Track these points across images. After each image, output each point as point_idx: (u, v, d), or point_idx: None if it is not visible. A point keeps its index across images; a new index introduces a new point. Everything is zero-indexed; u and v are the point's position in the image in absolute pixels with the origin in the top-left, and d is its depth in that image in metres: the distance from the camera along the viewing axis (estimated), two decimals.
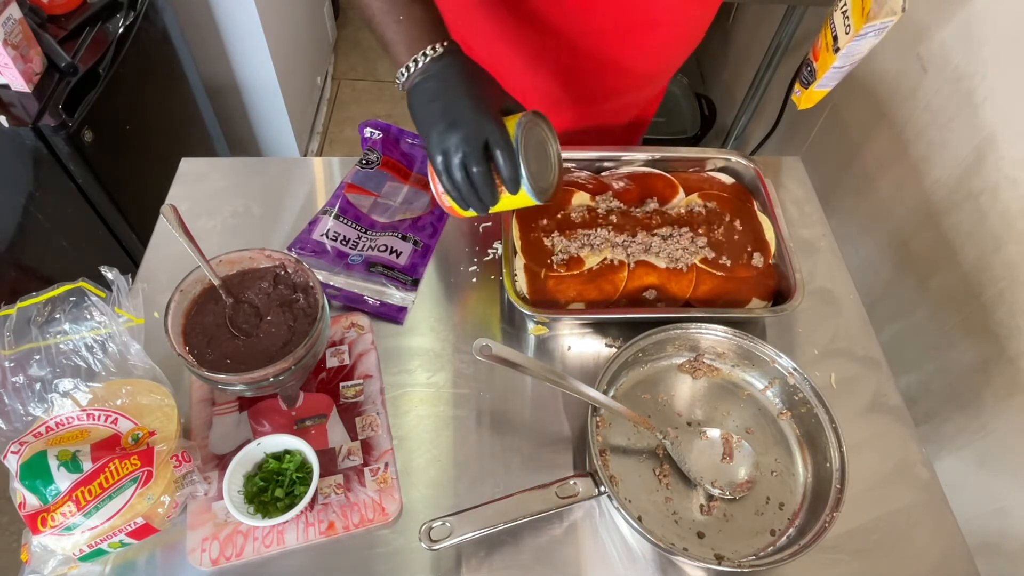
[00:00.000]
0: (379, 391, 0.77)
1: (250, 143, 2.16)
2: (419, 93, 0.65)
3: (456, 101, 0.63)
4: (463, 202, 0.67)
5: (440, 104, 0.63)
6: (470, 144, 0.62)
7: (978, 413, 0.99)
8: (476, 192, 0.65)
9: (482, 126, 0.63)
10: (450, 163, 0.63)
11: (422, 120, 0.65)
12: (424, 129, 0.64)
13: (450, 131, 0.62)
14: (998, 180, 0.94)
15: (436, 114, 0.63)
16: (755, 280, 0.82)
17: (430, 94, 0.64)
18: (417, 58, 0.65)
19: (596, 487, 0.66)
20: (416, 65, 0.65)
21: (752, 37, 1.99)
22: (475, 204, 0.66)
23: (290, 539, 0.66)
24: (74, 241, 1.45)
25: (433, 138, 0.63)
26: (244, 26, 1.78)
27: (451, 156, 0.63)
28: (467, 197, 0.65)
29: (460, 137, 0.62)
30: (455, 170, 0.63)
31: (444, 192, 0.68)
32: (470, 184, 0.64)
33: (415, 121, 0.66)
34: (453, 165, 0.63)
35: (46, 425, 0.63)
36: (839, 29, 0.80)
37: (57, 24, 1.33)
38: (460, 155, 0.62)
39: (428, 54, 0.64)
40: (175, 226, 0.66)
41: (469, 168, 0.63)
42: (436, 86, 0.64)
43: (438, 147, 0.63)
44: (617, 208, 0.86)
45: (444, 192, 0.68)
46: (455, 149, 0.62)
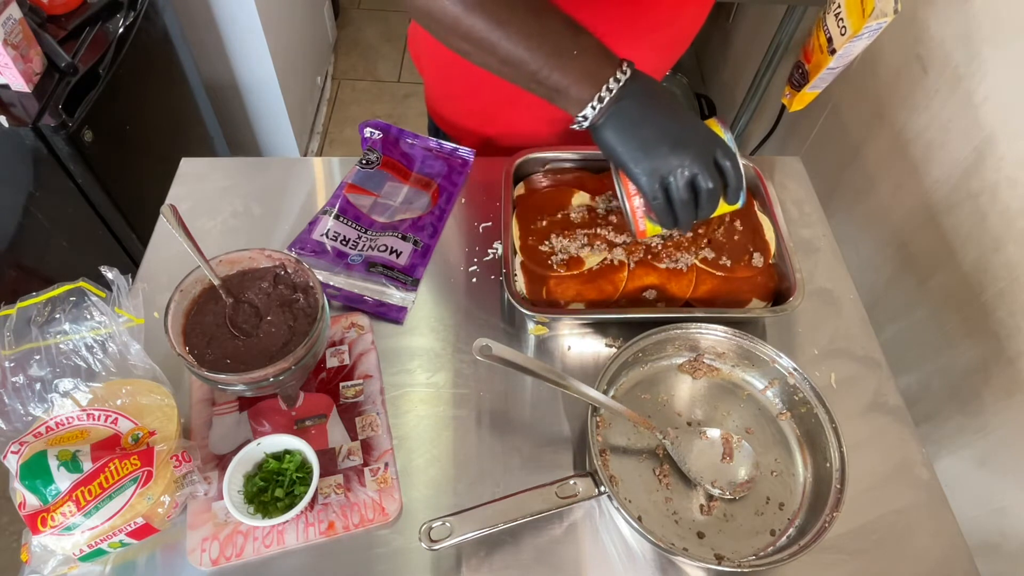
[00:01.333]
0: (379, 391, 0.77)
1: (250, 143, 2.16)
2: (618, 121, 0.61)
3: (669, 120, 0.61)
4: (674, 222, 0.64)
5: (653, 127, 0.60)
6: (702, 161, 0.60)
7: (978, 413, 0.99)
8: (696, 208, 0.63)
9: (708, 139, 0.61)
10: (678, 184, 0.60)
11: (629, 148, 0.61)
12: (635, 156, 0.61)
13: (677, 151, 0.60)
14: (998, 180, 0.94)
15: (650, 138, 0.60)
16: (755, 280, 0.82)
17: (633, 120, 0.61)
18: (609, 86, 0.60)
19: (596, 487, 0.66)
20: (609, 94, 0.60)
21: (752, 37, 1.99)
22: (690, 223, 0.64)
23: (290, 539, 0.66)
24: (74, 241, 1.46)
25: (650, 162, 0.60)
26: (244, 26, 1.78)
27: (679, 176, 0.60)
28: (686, 217, 0.63)
29: (691, 155, 0.60)
30: (682, 190, 0.61)
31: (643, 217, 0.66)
32: (694, 203, 0.62)
33: (613, 150, 0.62)
34: (681, 186, 0.60)
35: (46, 425, 0.63)
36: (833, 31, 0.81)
37: (57, 24, 1.33)
38: (690, 173, 0.60)
39: (620, 79, 0.60)
40: (175, 226, 0.66)
41: (701, 185, 0.61)
42: (639, 111, 0.60)
43: (662, 169, 0.60)
44: (617, 208, 0.86)
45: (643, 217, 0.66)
46: (685, 168, 0.60)
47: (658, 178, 0.61)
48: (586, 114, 0.61)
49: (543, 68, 0.61)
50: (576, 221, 0.84)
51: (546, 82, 0.61)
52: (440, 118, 1.04)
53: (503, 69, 0.63)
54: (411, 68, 2.71)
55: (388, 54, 2.75)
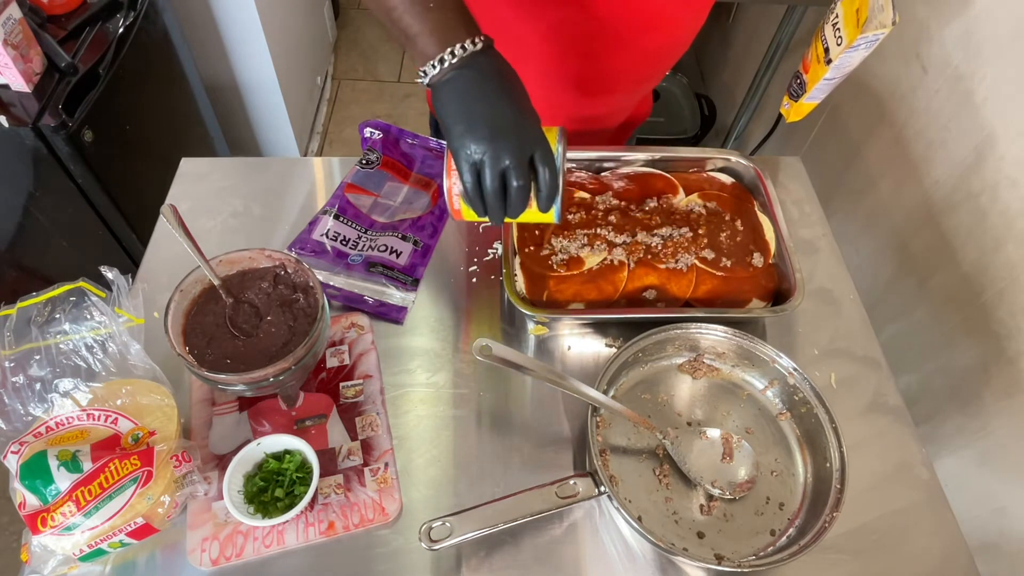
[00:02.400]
0: (379, 391, 0.77)
1: (250, 143, 2.16)
2: (453, 89, 0.59)
3: (502, 106, 0.59)
4: (483, 211, 0.63)
5: (483, 106, 0.59)
6: (517, 157, 0.58)
7: (978, 413, 0.99)
8: (505, 205, 0.61)
9: (531, 139, 0.59)
10: (487, 172, 0.59)
11: (456, 119, 0.59)
12: (457, 129, 0.59)
13: (496, 139, 0.58)
14: (998, 180, 0.94)
15: (476, 116, 0.58)
16: (755, 280, 0.82)
17: (470, 93, 0.59)
18: (454, 50, 0.59)
19: (596, 487, 0.66)
20: (452, 58, 0.59)
21: (752, 37, 1.99)
22: (497, 216, 0.62)
23: (290, 539, 0.66)
24: (74, 241, 1.45)
25: (469, 141, 0.58)
26: (244, 26, 1.78)
27: (491, 165, 0.58)
28: (493, 209, 0.61)
29: (507, 148, 0.58)
30: (491, 180, 0.59)
31: (459, 195, 0.64)
32: (502, 196, 0.60)
33: (444, 117, 0.60)
34: (490, 175, 0.59)
35: (46, 425, 0.63)
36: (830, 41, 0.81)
37: (57, 24, 1.33)
38: (502, 166, 0.58)
39: (467, 48, 0.59)
40: (175, 226, 0.66)
41: (509, 181, 0.59)
42: (476, 85, 0.59)
43: (476, 153, 0.58)
44: (617, 208, 0.86)
45: (459, 195, 0.64)
46: (497, 158, 0.58)
47: (470, 159, 0.59)
48: (426, 70, 0.60)
49: (404, 15, 0.60)
50: (576, 221, 0.84)
51: (399, 24, 0.61)
52: None
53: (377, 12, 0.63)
54: (411, 68, 2.71)
55: (388, 54, 2.75)
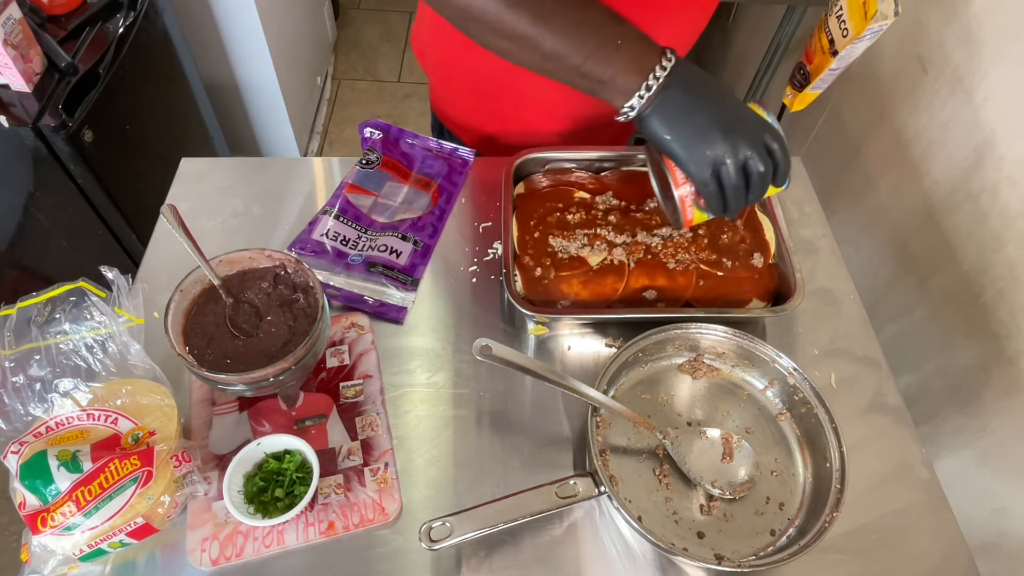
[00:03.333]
0: (379, 391, 0.77)
1: (250, 143, 2.16)
2: (668, 110, 0.60)
3: (717, 106, 0.60)
4: (725, 207, 0.63)
5: (703, 113, 0.60)
6: (755, 145, 0.60)
7: (978, 413, 0.99)
8: (747, 192, 0.62)
9: (757, 123, 0.61)
10: (730, 170, 0.60)
11: (680, 135, 0.60)
12: (686, 143, 0.60)
13: (730, 136, 0.59)
14: (998, 180, 0.94)
15: (702, 125, 0.60)
16: (755, 280, 0.82)
17: (686, 107, 0.60)
18: (657, 74, 0.60)
19: (596, 487, 0.66)
20: (656, 82, 0.60)
21: (752, 37, 1.99)
22: (740, 206, 0.63)
23: (290, 539, 0.66)
24: (74, 241, 1.46)
25: (703, 149, 0.60)
26: (244, 26, 1.78)
27: (732, 161, 0.60)
28: (735, 202, 0.62)
29: (744, 140, 0.59)
30: (735, 175, 0.60)
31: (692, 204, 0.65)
32: (745, 187, 0.62)
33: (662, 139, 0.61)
34: (733, 171, 0.60)
35: (46, 425, 0.63)
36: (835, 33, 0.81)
37: (57, 24, 1.33)
38: (742, 158, 0.60)
39: (665, 67, 0.60)
40: (175, 226, 0.66)
41: (752, 169, 0.60)
42: (687, 98, 0.60)
43: (715, 155, 0.60)
44: (617, 208, 0.86)
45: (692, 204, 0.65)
46: (738, 153, 0.60)
47: (711, 164, 0.60)
48: (633, 104, 0.61)
49: (587, 61, 0.60)
50: (576, 221, 0.84)
51: (591, 74, 0.61)
52: (444, 115, 1.04)
53: (545, 65, 0.63)
54: (411, 68, 2.71)
55: (388, 54, 2.75)
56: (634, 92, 0.60)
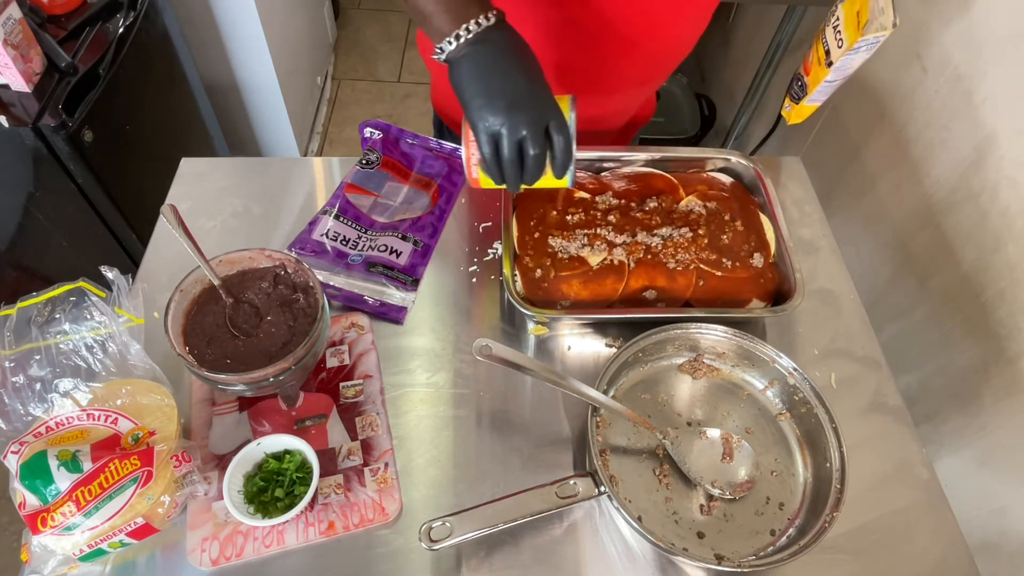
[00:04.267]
0: (379, 391, 0.77)
1: (250, 143, 2.16)
2: (469, 64, 0.62)
3: (517, 78, 0.62)
4: (500, 179, 0.65)
5: (499, 79, 0.62)
6: (533, 127, 0.61)
7: (978, 413, 0.99)
8: (522, 173, 0.64)
9: (546, 109, 0.62)
10: (505, 142, 0.62)
11: (473, 93, 0.62)
12: (476, 102, 0.62)
13: (513, 110, 0.61)
14: (998, 180, 0.94)
15: (494, 89, 0.61)
16: (755, 280, 0.82)
17: (485, 67, 0.62)
18: (469, 26, 0.62)
19: (596, 487, 0.66)
20: (467, 34, 0.62)
21: (752, 37, 1.99)
22: (514, 183, 0.65)
23: (290, 539, 0.66)
24: (74, 241, 1.45)
25: (487, 113, 0.61)
26: (244, 26, 1.78)
27: (508, 135, 0.61)
28: (511, 176, 0.64)
29: (524, 119, 0.61)
30: (508, 150, 0.62)
31: (478, 164, 0.67)
32: (519, 165, 0.63)
33: (461, 90, 0.63)
34: (507, 145, 0.62)
35: (46, 425, 0.63)
36: (831, 43, 0.81)
37: (57, 24, 1.33)
38: (518, 136, 0.61)
39: (481, 23, 0.62)
40: (175, 226, 0.66)
41: (526, 150, 0.62)
42: (492, 59, 0.62)
43: (494, 124, 0.61)
44: (617, 208, 0.86)
45: (478, 164, 0.67)
46: (514, 129, 0.61)
47: (488, 131, 0.62)
48: (443, 47, 0.63)
49: None
50: (576, 221, 0.84)
51: (423, 10, 0.64)
52: (445, 114, 1.04)
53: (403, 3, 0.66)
54: (411, 68, 2.71)
55: (388, 54, 2.75)
56: (446, 35, 0.63)
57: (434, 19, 0.63)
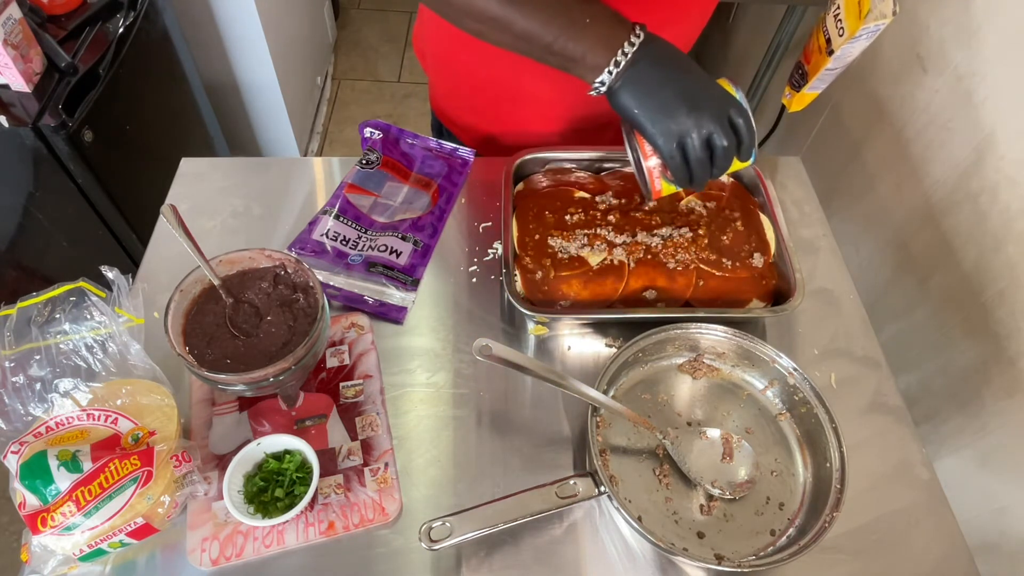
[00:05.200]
0: (379, 391, 0.77)
1: (250, 143, 2.16)
2: (636, 84, 0.63)
3: (685, 80, 0.63)
4: (691, 180, 0.66)
5: (670, 88, 0.62)
6: (719, 120, 0.62)
7: (978, 413, 0.99)
8: (712, 166, 0.65)
9: (723, 98, 0.63)
10: (694, 143, 0.62)
11: (648, 109, 0.63)
12: (654, 117, 0.63)
13: (695, 111, 0.62)
14: (998, 180, 0.94)
15: (669, 99, 0.62)
16: (755, 280, 0.82)
17: (654, 82, 0.62)
18: (624, 50, 0.62)
19: (596, 487, 0.66)
20: (625, 57, 0.62)
21: (752, 37, 1.99)
22: (705, 181, 0.66)
23: (290, 539, 0.66)
24: (74, 241, 1.46)
25: (670, 123, 0.62)
26: (244, 26, 1.78)
27: (696, 136, 0.62)
28: (702, 174, 0.65)
29: (708, 115, 0.62)
30: (699, 149, 0.63)
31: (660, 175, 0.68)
32: (710, 161, 0.64)
33: (631, 113, 0.64)
34: (697, 145, 0.62)
35: (46, 425, 0.63)
36: (832, 32, 0.81)
37: (57, 24, 1.33)
38: (706, 132, 0.62)
39: (634, 42, 0.62)
40: (175, 226, 0.66)
41: (716, 143, 0.63)
42: (655, 73, 0.62)
43: (680, 130, 0.62)
44: (617, 208, 0.86)
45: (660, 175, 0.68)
46: (702, 128, 0.62)
47: (676, 137, 0.63)
48: (603, 79, 0.63)
49: (558, 39, 0.63)
50: (576, 221, 0.84)
51: (562, 52, 0.63)
52: (444, 115, 1.04)
53: (518, 44, 0.65)
54: (411, 68, 2.71)
55: (388, 54, 2.75)
56: (603, 68, 0.63)
57: (587, 58, 0.63)
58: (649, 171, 0.69)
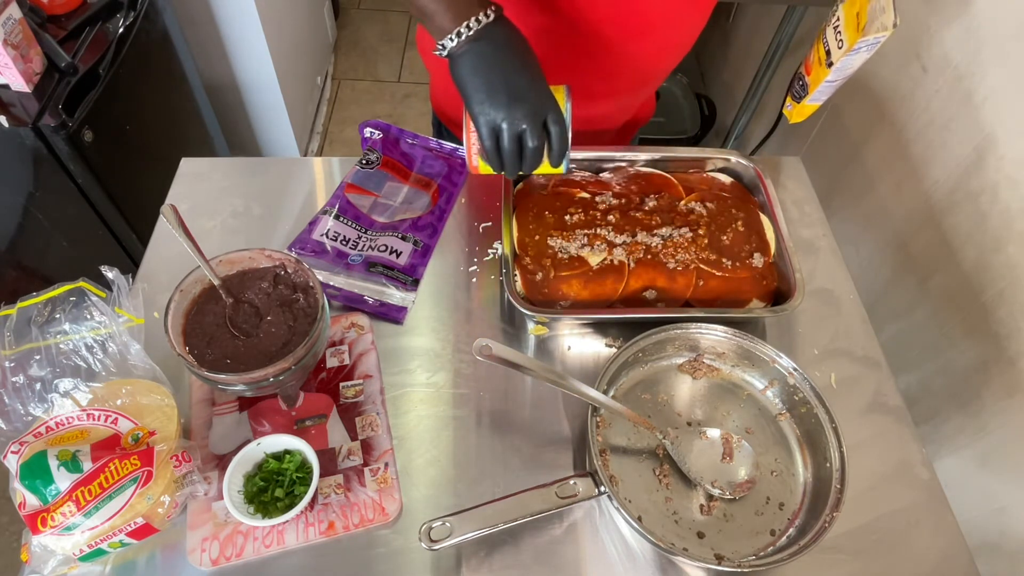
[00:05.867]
0: (379, 391, 0.77)
1: (250, 143, 2.16)
2: (470, 59, 0.65)
3: (516, 73, 0.65)
4: (500, 167, 0.69)
5: (499, 74, 0.64)
6: (532, 119, 0.64)
7: (978, 413, 0.99)
8: (521, 162, 0.67)
9: (544, 102, 0.65)
10: (505, 134, 0.65)
11: (475, 87, 0.65)
12: (477, 96, 0.65)
13: (513, 104, 0.64)
14: (998, 180, 0.94)
15: (495, 84, 0.64)
16: (755, 280, 0.82)
17: (485, 62, 0.65)
18: (470, 23, 0.64)
19: (596, 487, 0.66)
20: (468, 31, 0.64)
21: (752, 37, 1.99)
22: (513, 171, 0.69)
23: (290, 539, 0.66)
24: (74, 241, 1.45)
25: (488, 107, 0.64)
26: (244, 26, 1.78)
27: (508, 128, 0.64)
28: (510, 165, 0.68)
29: (523, 112, 0.64)
30: (509, 141, 0.65)
31: (478, 153, 0.70)
32: (519, 154, 0.66)
33: (463, 85, 0.66)
34: (508, 137, 0.65)
35: (46, 425, 0.63)
36: (832, 44, 0.81)
37: (57, 24, 1.33)
38: (518, 128, 0.64)
39: (481, 20, 0.64)
40: (175, 226, 0.66)
41: (525, 141, 0.65)
42: (492, 54, 0.65)
43: (495, 117, 0.64)
44: (617, 208, 0.86)
45: (478, 153, 0.70)
46: (514, 122, 0.64)
47: (489, 124, 0.65)
48: (444, 43, 0.66)
49: None
50: (576, 221, 0.84)
51: (421, 8, 0.66)
52: (444, 114, 1.04)
53: None
54: (411, 68, 2.71)
55: (388, 54, 2.75)
56: (447, 33, 0.65)
57: (436, 17, 0.66)
58: (469, 145, 0.72)
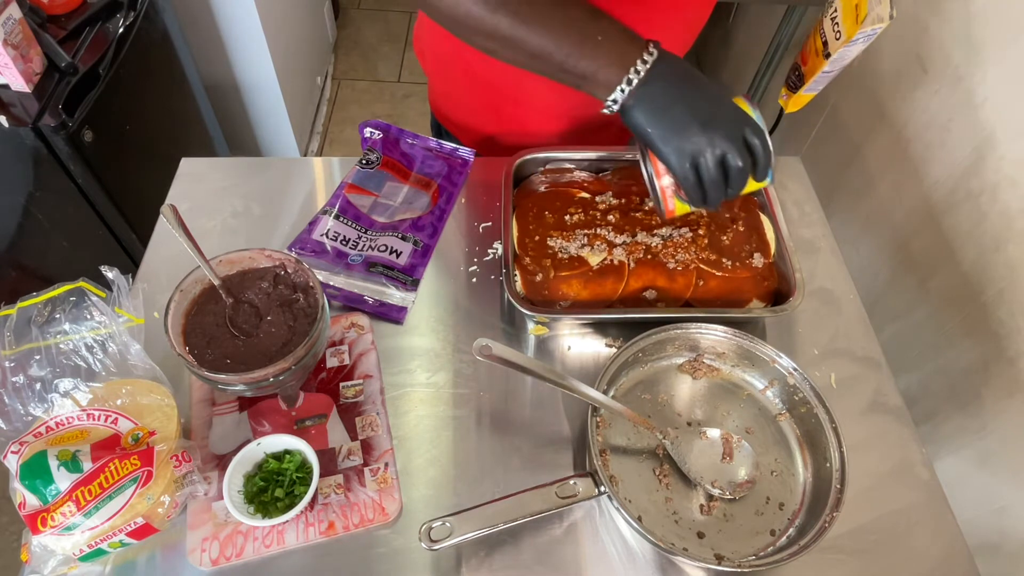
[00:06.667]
0: (379, 391, 0.77)
1: (250, 143, 2.16)
2: (647, 102, 0.61)
3: (699, 100, 0.61)
4: (703, 200, 0.64)
5: (682, 108, 0.61)
6: (733, 139, 0.61)
7: (978, 413, 0.99)
8: (726, 186, 0.63)
9: (737, 117, 0.62)
10: (708, 163, 0.61)
11: (662, 129, 0.61)
12: (665, 137, 0.61)
13: (707, 131, 0.60)
14: (998, 180, 0.94)
15: (682, 120, 0.60)
16: (755, 280, 0.82)
17: (667, 100, 0.61)
18: (637, 68, 0.61)
19: (596, 487, 0.66)
20: (637, 76, 0.61)
21: (752, 37, 1.99)
22: (718, 201, 0.64)
23: (290, 539, 0.66)
24: (74, 241, 1.46)
25: (682, 143, 0.61)
26: (244, 26, 1.78)
27: (710, 156, 0.61)
28: (715, 196, 0.63)
29: (720, 135, 0.60)
30: (713, 169, 0.61)
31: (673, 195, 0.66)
32: (724, 181, 0.63)
33: (643, 132, 0.62)
34: (711, 165, 0.61)
35: (46, 425, 0.63)
36: (829, 35, 0.81)
37: (57, 24, 1.34)
38: (719, 152, 0.61)
39: (646, 60, 0.61)
40: (175, 226, 0.66)
41: (731, 164, 0.61)
42: (670, 90, 0.61)
43: (693, 150, 0.61)
44: (617, 208, 0.86)
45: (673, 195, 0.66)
46: (715, 147, 0.60)
47: (688, 157, 0.61)
48: (615, 98, 0.62)
49: (570, 57, 0.62)
50: (576, 221, 0.84)
51: (574, 71, 0.62)
52: (443, 116, 1.04)
53: (531, 63, 0.64)
54: (411, 68, 2.71)
55: (388, 54, 2.75)
56: (616, 86, 0.61)
57: (599, 76, 0.62)
58: (662, 190, 0.68)
